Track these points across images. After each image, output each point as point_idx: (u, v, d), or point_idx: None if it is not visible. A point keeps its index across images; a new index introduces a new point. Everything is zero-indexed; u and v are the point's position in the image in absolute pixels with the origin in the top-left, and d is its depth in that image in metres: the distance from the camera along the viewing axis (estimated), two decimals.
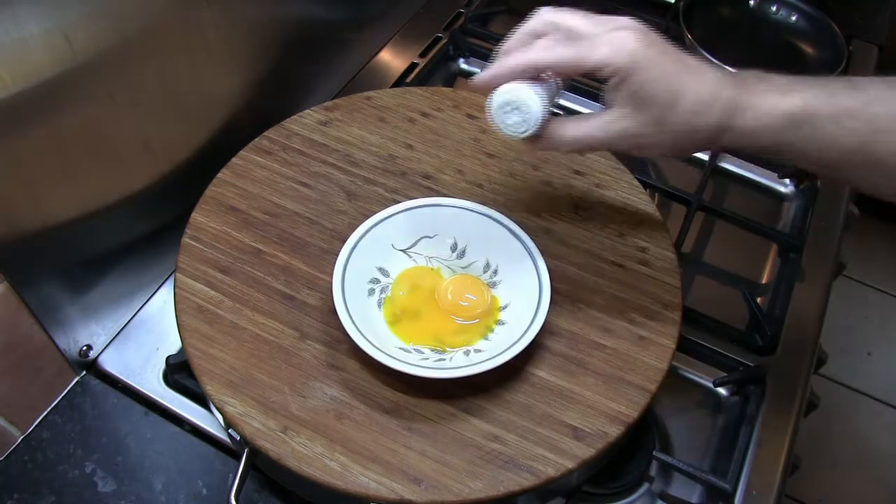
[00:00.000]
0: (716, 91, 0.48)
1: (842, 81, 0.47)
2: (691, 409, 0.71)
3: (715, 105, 0.47)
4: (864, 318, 1.74)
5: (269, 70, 0.77)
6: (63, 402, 0.65)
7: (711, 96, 0.47)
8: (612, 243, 0.66)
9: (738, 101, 0.48)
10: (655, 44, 0.48)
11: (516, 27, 0.52)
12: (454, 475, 0.52)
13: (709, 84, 0.48)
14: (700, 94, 0.47)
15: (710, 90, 0.48)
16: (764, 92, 0.48)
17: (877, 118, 0.45)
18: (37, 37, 0.51)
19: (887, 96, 0.46)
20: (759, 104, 0.47)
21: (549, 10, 0.51)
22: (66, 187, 0.59)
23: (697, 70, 0.48)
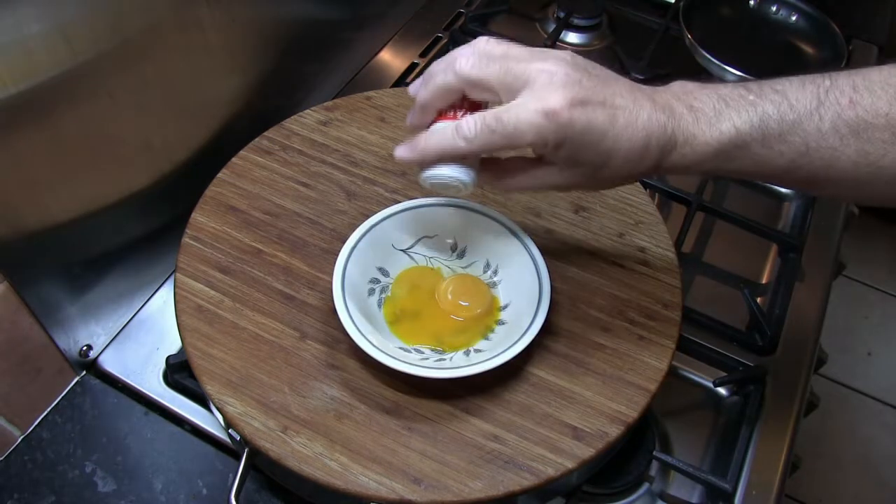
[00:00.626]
0: (646, 139, 0.47)
1: (772, 96, 0.47)
2: (691, 409, 0.71)
3: (647, 156, 0.48)
4: (864, 318, 1.74)
5: (269, 70, 0.77)
6: (63, 402, 0.65)
7: (643, 148, 0.47)
8: (612, 243, 0.66)
9: (670, 140, 0.47)
10: (582, 95, 0.46)
11: (434, 64, 0.50)
12: (454, 475, 0.52)
13: (639, 133, 0.47)
14: (631, 150, 0.47)
15: (641, 142, 0.47)
16: (694, 124, 0.47)
17: (805, 139, 0.46)
18: (37, 37, 0.51)
19: (814, 112, 0.46)
20: (691, 139, 0.47)
21: (466, 52, 0.48)
22: (66, 187, 0.59)
23: (627, 113, 0.47)
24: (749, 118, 0.47)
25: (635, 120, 0.47)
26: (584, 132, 0.46)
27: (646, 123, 0.47)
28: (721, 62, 0.92)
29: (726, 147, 0.47)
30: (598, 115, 0.46)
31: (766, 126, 0.46)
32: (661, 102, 0.48)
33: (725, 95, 0.48)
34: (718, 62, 0.92)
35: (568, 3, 1.02)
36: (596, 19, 1.03)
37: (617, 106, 0.47)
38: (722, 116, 0.47)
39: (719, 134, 0.47)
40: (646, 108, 0.47)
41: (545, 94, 0.45)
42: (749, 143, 0.47)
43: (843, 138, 0.45)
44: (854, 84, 0.46)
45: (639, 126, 0.47)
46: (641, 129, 0.47)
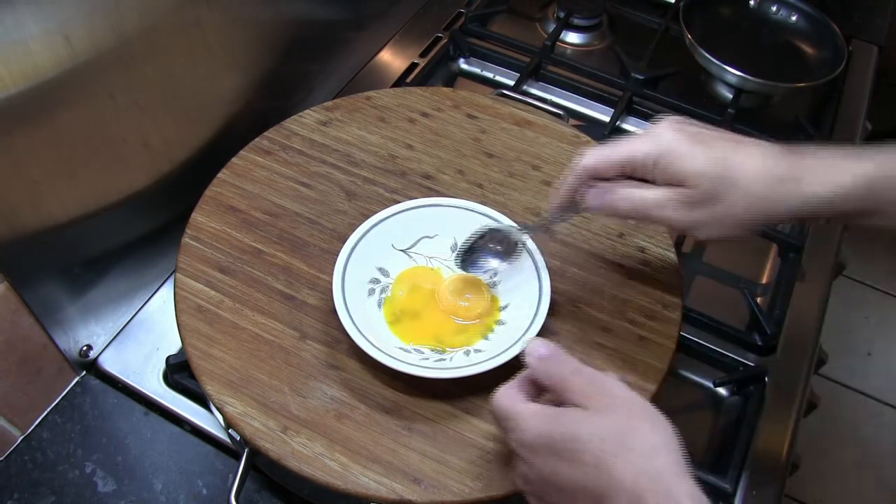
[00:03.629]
0: (775, 164, 0.47)
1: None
2: (691, 409, 0.71)
3: (775, 177, 0.47)
4: (864, 318, 1.74)
5: (269, 70, 0.77)
6: (63, 402, 0.65)
7: (771, 176, 0.47)
8: (612, 243, 0.66)
9: (803, 168, 0.47)
10: (691, 132, 0.49)
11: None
12: (454, 475, 0.52)
13: (766, 162, 0.48)
14: (757, 177, 0.47)
15: (767, 173, 0.47)
16: (830, 158, 0.47)
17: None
18: (37, 37, 0.51)
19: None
20: (828, 169, 0.47)
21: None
22: (67, 187, 0.59)
23: (750, 151, 0.48)
24: (885, 155, 0.46)
25: (749, 142, 0.49)
26: (693, 147, 0.48)
27: (762, 146, 0.49)
28: (721, 62, 0.92)
29: (870, 179, 0.46)
30: (709, 136, 0.50)
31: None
32: (777, 146, 0.49)
33: (850, 148, 0.48)
34: (718, 62, 0.92)
35: (568, 3, 1.02)
36: (596, 19, 1.03)
37: (732, 136, 0.49)
38: (860, 155, 0.47)
39: (859, 167, 0.46)
40: (761, 145, 0.49)
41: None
42: (891, 174, 0.45)
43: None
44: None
45: (754, 147, 0.48)
46: (758, 147, 0.48)
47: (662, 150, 0.49)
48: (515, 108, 0.77)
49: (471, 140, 0.73)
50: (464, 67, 0.98)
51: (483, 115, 0.76)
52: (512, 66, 0.95)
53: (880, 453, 1.54)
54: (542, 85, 0.94)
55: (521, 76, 0.91)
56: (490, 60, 0.97)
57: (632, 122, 0.92)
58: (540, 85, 0.94)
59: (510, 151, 0.72)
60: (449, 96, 0.77)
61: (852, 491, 1.49)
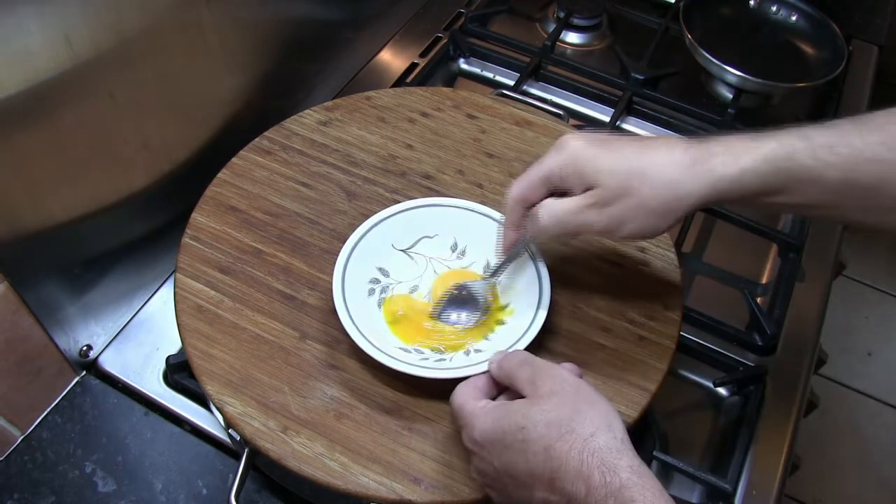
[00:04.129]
0: (682, 154, 0.49)
1: (810, 125, 0.48)
2: (691, 409, 0.71)
3: (683, 165, 0.48)
4: (864, 318, 1.74)
5: (269, 70, 0.77)
6: (63, 402, 0.65)
7: (680, 162, 0.49)
8: (612, 243, 0.66)
9: (708, 154, 0.48)
10: (598, 139, 0.51)
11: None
12: (454, 475, 0.52)
13: (673, 153, 0.49)
14: (667, 165, 0.49)
15: (676, 162, 0.49)
16: (735, 142, 0.49)
17: (854, 149, 0.46)
18: (37, 37, 0.51)
19: (858, 129, 0.47)
20: (734, 152, 0.48)
21: None
22: (66, 187, 0.59)
23: (656, 146, 0.50)
24: (792, 134, 0.47)
25: (662, 142, 0.50)
26: (602, 152, 0.50)
27: (672, 142, 0.50)
28: (721, 62, 0.92)
29: (775, 158, 0.47)
30: (617, 141, 0.51)
31: (811, 138, 0.47)
32: (685, 138, 0.50)
33: (759, 132, 0.49)
34: (718, 62, 0.92)
35: (568, 3, 1.02)
36: (596, 19, 1.03)
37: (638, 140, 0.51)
38: (763, 136, 0.48)
39: (765, 147, 0.47)
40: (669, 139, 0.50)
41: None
42: (796, 152, 0.47)
43: (893, 150, 0.45)
44: (887, 111, 0.47)
45: (661, 141, 0.49)
46: (673, 144, 0.49)
47: (571, 158, 0.50)
48: (515, 108, 0.77)
49: (471, 140, 0.73)
50: (464, 67, 0.98)
51: (483, 115, 0.76)
52: (512, 66, 0.95)
53: (880, 453, 1.54)
54: (542, 85, 0.94)
55: (521, 76, 0.91)
56: (490, 60, 0.97)
57: (632, 122, 0.92)
58: (540, 85, 0.95)
59: (510, 151, 0.72)
60: (449, 96, 0.77)
61: (852, 491, 1.49)
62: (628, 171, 0.49)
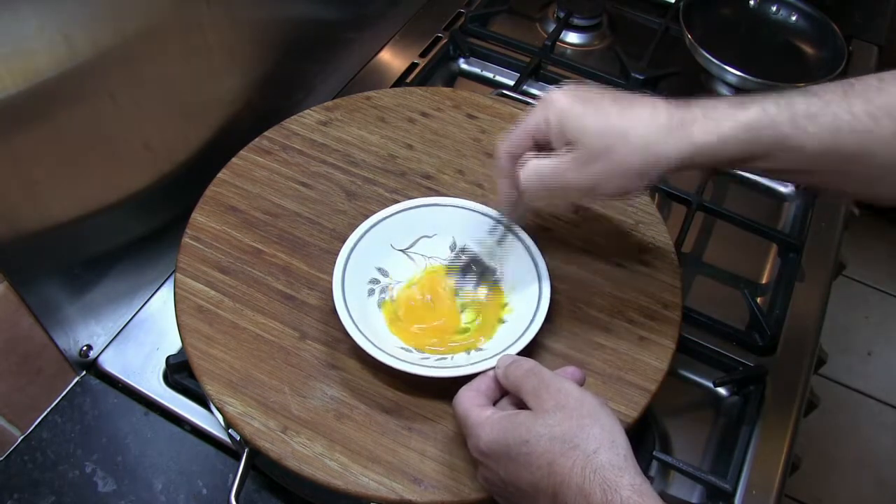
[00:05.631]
0: (665, 117, 0.49)
1: (796, 90, 0.48)
2: (691, 409, 0.71)
3: (665, 129, 0.49)
4: (864, 318, 1.74)
5: (269, 70, 0.77)
6: (63, 402, 0.65)
7: (661, 124, 0.49)
8: (612, 243, 0.66)
9: (691, 118, 0.49)
10: (586, 96, 0.51)
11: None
12: (454, 475, 0.52)
13: (656, 115, 0.49)
14: (649, 125, 0.49)
15: (658, 124, 0.49)
16: (716, 107, 0.48)
17: (836, 118, 0.46)
18: (37, 37, 0.51)
19: (843, 97, 0.46)
20: (715, 117, 0.48)
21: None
22: (67, 187, 0.59)
23: (640, 106, 0.50)
24: (775, 101, 0.47)
25: (647, 103, 0.50)
26: (588, 109, 0.50)
27: (657, 103, 0.49)
28: (721, 62, 0.92)
29: (755, 126, 0.47)
30: (605, 98, 0.51)
31: (794, 106, 0.46)
32: (670, 102, 0.50)
33: (743, 96, 0.48)
34: (718, 62, 0.92)
35: (568, 3, 1.02)
36: (596, 19, 1.03)
37: (625, 97, 0.50)
38: (746, 101, 0.48)
39: (745, 114, 0.47)
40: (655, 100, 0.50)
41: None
42: (777, 122, 0.46)
43: (877, 120, 0.45)
44: (880, 77, 0.46)
45: (653, 104, 0.49)
46: (656, 104, 0.49)
47: (555, 113, 0.51)
48: (515, 108, 0.77)
49: (471, 140, 0.73)
50: (464, 67, 0.98)
51: (483, 115, 0.76)
52: (512, 66, 0.95)
53: (880, 453, 1.54)
54: (542, 85, 0.94)
55: (521, 76, 0.91)
56: (490, 60, 0.97)
57: None
58: (540, 85, 0.94)
59: None
60: (449, 96, 0.77)
61: (852, 491, 1.49)
62: (610, 131, 0.49)
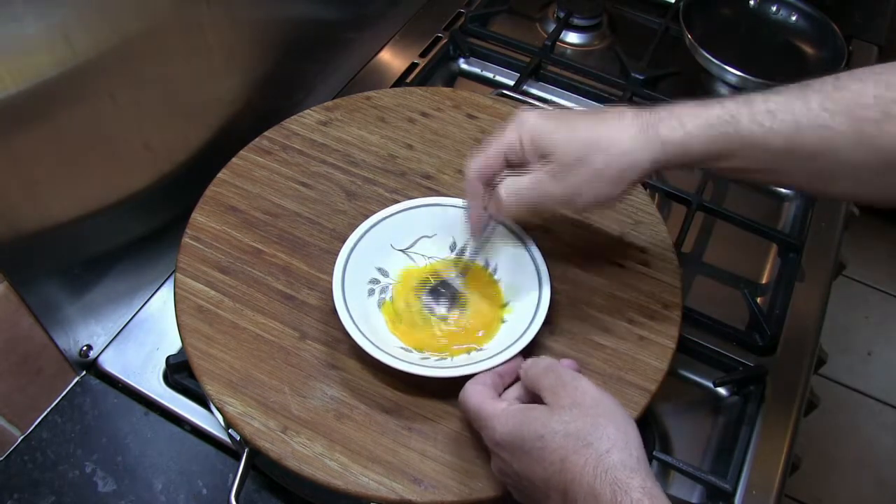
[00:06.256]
0: (631, 123, 0.51)
1: (757, 92, 0.49)
2: (691, 409, 0.71)
3: (634, 133, 0.50)
4: (864, 318, 1.74)
5: (269, 70, 0.77)
6: (63, 402, 0.65)
7: (630, 130, 0.50)
8: (612, 243, 0.66)
9: (656, 119, 0.50)
10: (553, 114, 0.53)
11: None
12: (454, 475, 0.52)
13: (623, 122, 0.51)
14: (619, 132, 0.51)
15: (626, 129, 0.51)
16: (682, 108, 0.50)
17: (795, 115, 0.47)
18: (37, 37, 0.51)
19: (802, 95, 0.47)
20: (679, 116, 0.50)
21: None
22: (66, 187, 0.59)
23: (608, 117, 0.52)
24: (735, 100, 0.49)
25: (614, 115, 0.52)
26: (558, 125, 0.52)
27: (624, 114, 0.51)
28: (721, 62, 0.92)
29: (718, 123, 0.48)
30: (571, 114, 0.53)
31: (753, 105, 0.48)
32: (635, 109, 0.51)
33: (708, 100, 0.50)
34: (718, 62, 0.92)
35: (568, 3, 1.02)
36: (596, 19, 1.03)
37: (590, 113, 0.52)
38: (709, 103, 0.50)
39: (709, 113, 0.49)
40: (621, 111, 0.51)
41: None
42: (737, 118, 0.48)
43: (834, 116, 0.46)
44: (836, 77, 0.47)
45: (622, 116, 0.51)
46: (625, 115, 0.51)
47: (528, 132, 0.52)
48: (515, 108, 0.77)
49: (471, 140, 0.73)
50: (464, 67, 0.98)
51: (483, 115, 0.76)
52: (512, 66, 0.95)
53: (880, 453, 1.54)
54: (542, 85, 0.94)
55: (521, 76, 0.91)
56: (490, 60, 0.97)
57: None
58: (540, 85, 0.94)
59: None
60: (449, 96, 0.77)
61: (852, 491, 1.49)
62: (583, 142, 0.51)
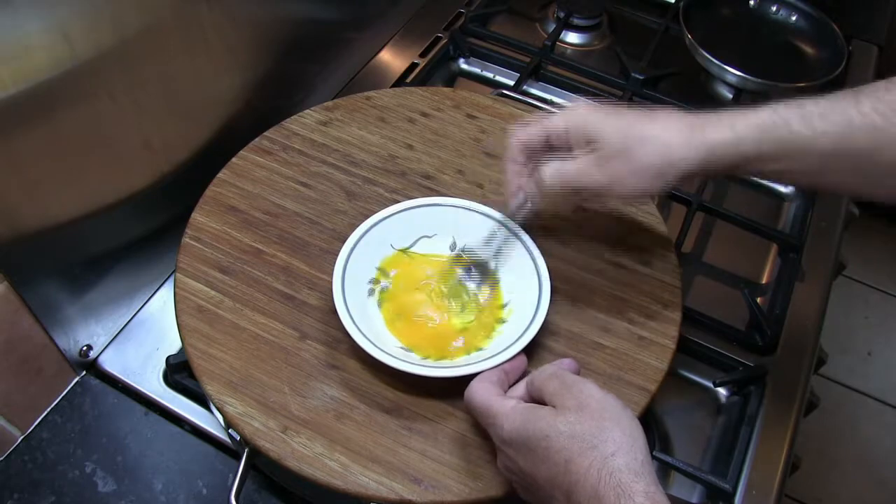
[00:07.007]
0: (679, 121, 0.52)
1: (808, 98, 0.50)
2: (691, 409, 0.71)
3: (681, 132, 0.51)
4: (864, 318, 1.74)
5: (269, 70, 0.77)
6: (63, 402, 0.65)
7: (678, 128, 0.51)
8: (612, 243, 0.66)
9: (704, 122, 0.51)
10: (607, 109, 0.54)
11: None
12: (454, 475, 0.52)
13: (671, 121, 0.52)
14: (666, 129, 0.52)
15: (673, 128, 0.51)
16: (731, 112, 0.51)
17: (846, 116, 0.47)
18: (37, 37, 0.51)
19: (854, 98, 0.48)
20: (729, 119, 0.50)
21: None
22: (66, 187, 0.59)
23: (657, 114, 0.53)
24: (786, 104, 0.49)
25: (658, 110, 0.53)
26: (610, 118, 0.53)
27: (674, 114, 0.52)
28: (721, 62, 0.92)
29: (769, 125, 0.49)
30: (624, 112, 0.54)
31: (804, 107, 0.49)
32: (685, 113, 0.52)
33: (757, 105, 0.51)
34: (718, 62, 0.92)
35: (568, 3, 1.02)
36: (596, 19, 1.03)
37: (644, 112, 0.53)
38: (759, 107, 0.50)
39: (759, 116, 0.50)
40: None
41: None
42: (788, 120, 0.48)
43: (887, 117, 0.46)
44: (889, 80, 0.47)
45: (671, 116, 0.52)
46: (674, 116, 0.52)
47: (579, 118, 0.54)
48: (515, 108, 0.77)
49: (471, 140, 0.73)
50: (464, 67, 0.98)
51: (483, 115, 0.76)
52: (512, 66, 0.95)
53: (880, 453, 1.54)
54: (542, 85, 0.94)
55: (521, 76, 0.91)
56: (490, 60, 0.97)
57: None
58: (540, 85, 0.94)
59: None
60: (449, 96, 0.77)
61: (852, 491, 1.49)
62: (630, 133, 0.52)
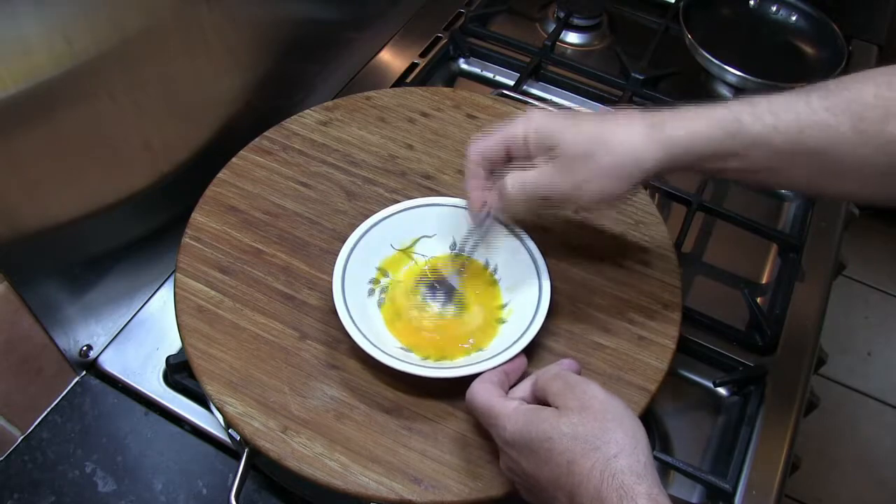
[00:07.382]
0: (639, 122, 0.51)
1: (761, 95, 0.50)
2: (691, 409, 0.71)
3: (640, 132, 0.51)
4: (864, 318, 1.74)
5: (269, 70, 0.77)
6: (63, 402, 0.65)
7: (638, 128, 0.51)
8: (612, 243, 0.66)
9: (662, 119, 0.51)
10: (565, 115, 0.54)
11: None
12: (454, 475, 0.52)
13: (630, 121, 0.52)
14: (627, 130, 0.51)
15: (633, 128, 0.51)
16: (688, 110, 0.51)
17: (798, 114, 0.48)
18: (37, 36, 0.51)
19: (805, 95, 0.48)
20: (686, 117, 0.51)
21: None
22: (67, 187, 0.59)
23: (616, 116, 0.53)
24: (740, 101, 0.50)
25: (622, 117, 0.52)
26: (569, 125, 0.53)
27: (633, 116, 0.52)
28: (721, 62, 0.92)
29: (723, 122, 0.49)
30: (582, 115, 0.54)
31: (757, 105, 0.49)
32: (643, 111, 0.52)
33: (713, 103, 0.51)
34: (718, 62, 0.92)
35: (568, 3, 1.02)
36: (596, 19, 1.03)
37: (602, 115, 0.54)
38: (715, 105, 0.51)
39: (714, 113, 0.50)
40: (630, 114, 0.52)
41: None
42: (741, 117, 0.49)
43: (836, 116, 0.47)
44: (839, 79, 0.48)
45: (630, 119, 0.52)
46: (633, 117, 0.52)
47: (535, 126, 0.53)
48: (515, 108, 0.77)
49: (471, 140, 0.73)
50: (464, 67, 0.98)
51: (483, 115, 0.76)
52: (512, 66, 0.95)
53: (880, 453, 1.54)
54: (542, 85, 0.94)
55: (521, 76, 0.91)
56: (490, 60, 0.97)
57: None
58: (540, 85, 0.94)
59: None
60: (449, 96, 0.77)
61: (852, 491, 1.49)
62: (590, 137, 0.52)
